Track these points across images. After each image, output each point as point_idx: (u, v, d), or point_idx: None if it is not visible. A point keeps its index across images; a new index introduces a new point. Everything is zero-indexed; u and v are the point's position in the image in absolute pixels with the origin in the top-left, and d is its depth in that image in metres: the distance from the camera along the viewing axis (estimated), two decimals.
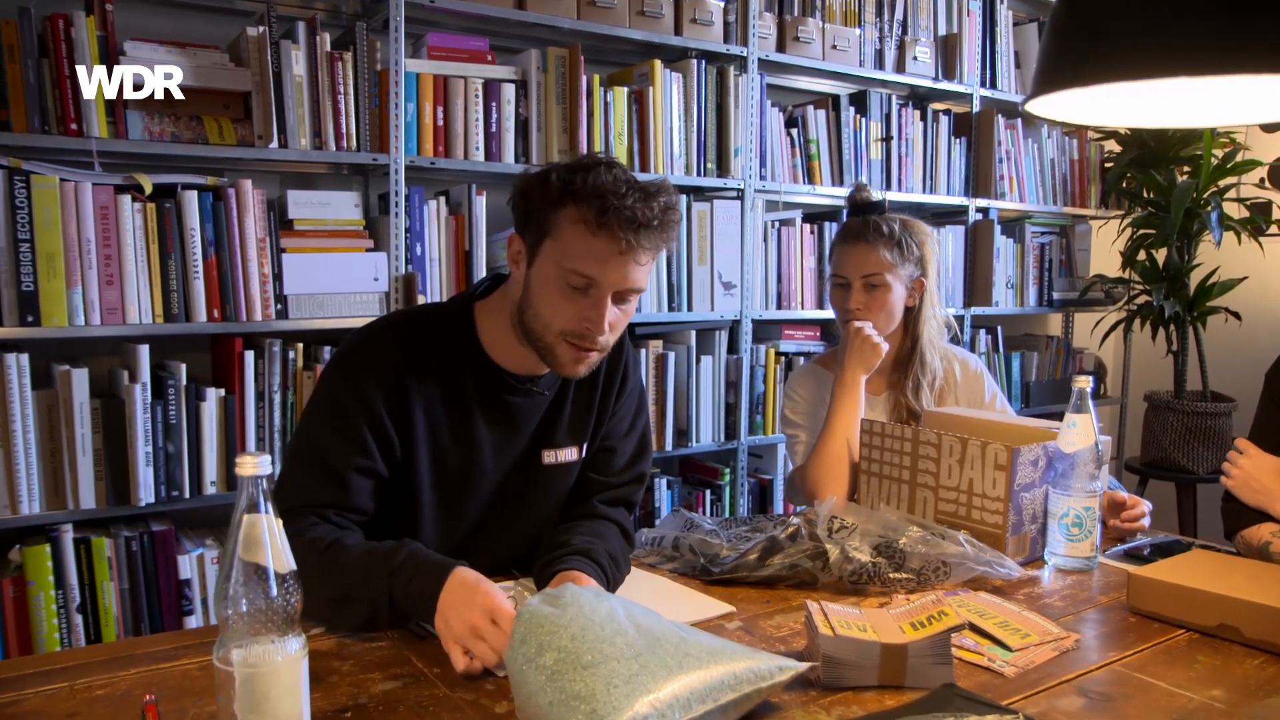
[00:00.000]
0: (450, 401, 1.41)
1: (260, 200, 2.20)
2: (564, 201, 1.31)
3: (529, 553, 1.51)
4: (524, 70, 2.52)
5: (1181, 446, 3.50)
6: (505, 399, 1.45)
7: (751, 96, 2.85)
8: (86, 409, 2.06)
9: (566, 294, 1.32)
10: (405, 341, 1.40)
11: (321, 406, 1.38)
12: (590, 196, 1.28)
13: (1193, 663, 1.21)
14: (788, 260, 3.03)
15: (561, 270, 1.31)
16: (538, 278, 1.35)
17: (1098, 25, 1.08)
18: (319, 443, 1.35)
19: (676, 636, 1.04)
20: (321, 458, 1.34)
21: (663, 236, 1.33)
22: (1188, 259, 3.53)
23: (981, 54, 3.40)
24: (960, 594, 1.40)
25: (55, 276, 2.00)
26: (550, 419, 1.50)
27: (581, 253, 1.30)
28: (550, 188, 1.32)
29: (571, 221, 1.30)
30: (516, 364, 1.44)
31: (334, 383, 1.38)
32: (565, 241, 1.31)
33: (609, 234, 1.28)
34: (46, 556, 2.04)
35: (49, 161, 2.02)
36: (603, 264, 1.30)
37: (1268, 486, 1.60)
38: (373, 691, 1.08)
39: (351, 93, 2.28)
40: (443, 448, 1.42)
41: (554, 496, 1.54)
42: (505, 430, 1.46)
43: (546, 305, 1.34)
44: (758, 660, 1.03)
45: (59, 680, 1.09)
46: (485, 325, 1.44)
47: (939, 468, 1.63)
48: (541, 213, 1.33)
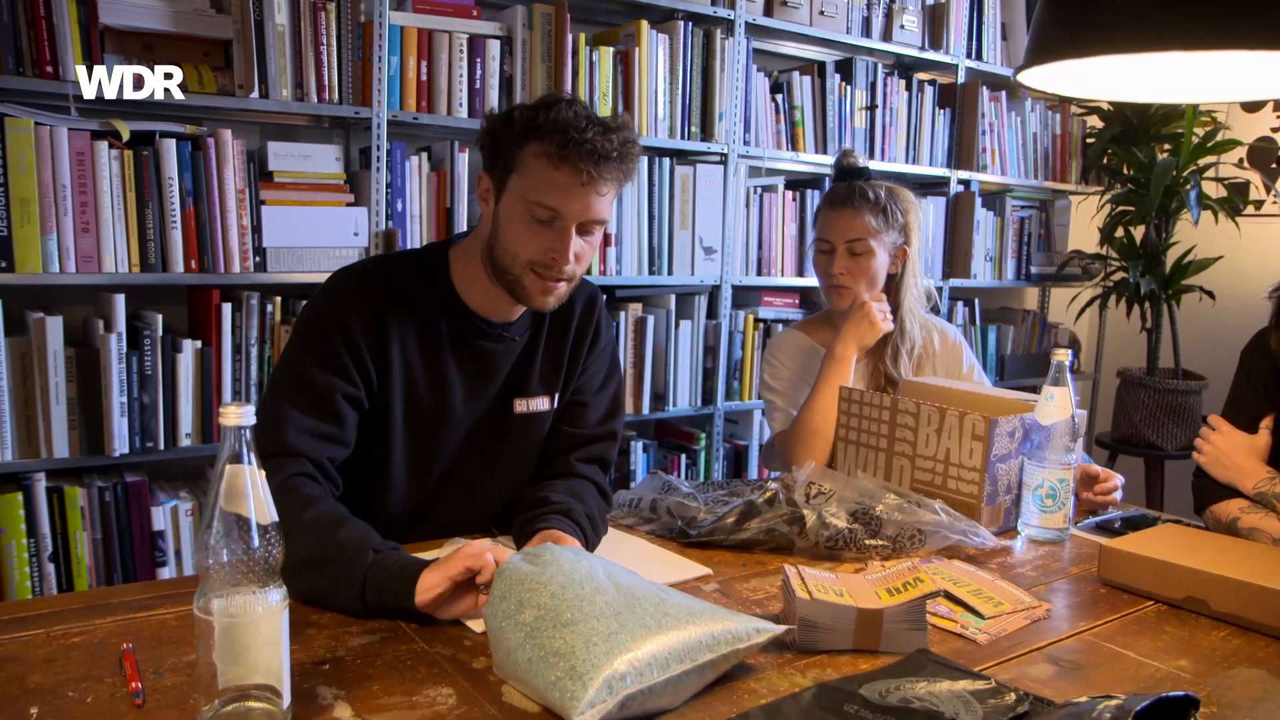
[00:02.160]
0: (424, 342, 1.44)
1: (240, 151, 2.16)
2: (527, 137, 1.35)
3: (505, 510, 1.52)
4: (509, 27, 2.49)
5: (1152, 423, 3.55)
6: (477, 343, 1.47)
7: (737, 61, 2.83)
8: (61, 358, 2.03)
9: (532, 226, 1.36)
10: (384, 280, 1.43)
11: (305, 338, 1.40)
12: (552, 131, 1.32)
13: (1161, 633, 1.23)
14: (769, 227, 3.03)
15: (527, 203, 1.35)
16: (505, 212, 1.39)
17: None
18: (305, 372, 1.36)
19: (656, 597, 1.04)
20: (309, 386, 1.35)
21: (622, 169, 1.37)
22: (1165, 237, 3.56)
23: (969, 25, 3.39)
24: (935, 562, 1.42)
25: (30, 222, 1.96)
26: (522, 367, 1.52)
27: (545, 185, 1.34)
28: (514, 124, 1.36)
29: (535, 156, 1.34)
30: (488, 308, 1.47)
31: (316, 313, 1.40)
32: (529, 175, 1.35)
33: (571, 166, 1.32)
34: (19, 505, 2.02)
35: (23, 105, 1.98)
36: (565, 196, 1.34)
37: (1238, 463, 1.63)
38: (350, 645, 1.08)
39: (334, 44, 2.25)
40: (416, 388, 1.44)
41: (526, 446, 1.55)
42: (476, 375, 1.48)
43: (514, 238, 1.37)
44: (735, 622, 1.04)
45: (34, 627, 1.08)
46: (459, 269, 1.47)
47: (916, 437, 1.64)
48: (507, 149, 1.37)
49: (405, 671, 1.02)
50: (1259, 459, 1.62)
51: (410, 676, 1.01)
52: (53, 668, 0.99)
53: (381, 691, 0.98)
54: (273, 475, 0.93)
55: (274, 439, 1.30)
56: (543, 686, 0.93)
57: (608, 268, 2.70)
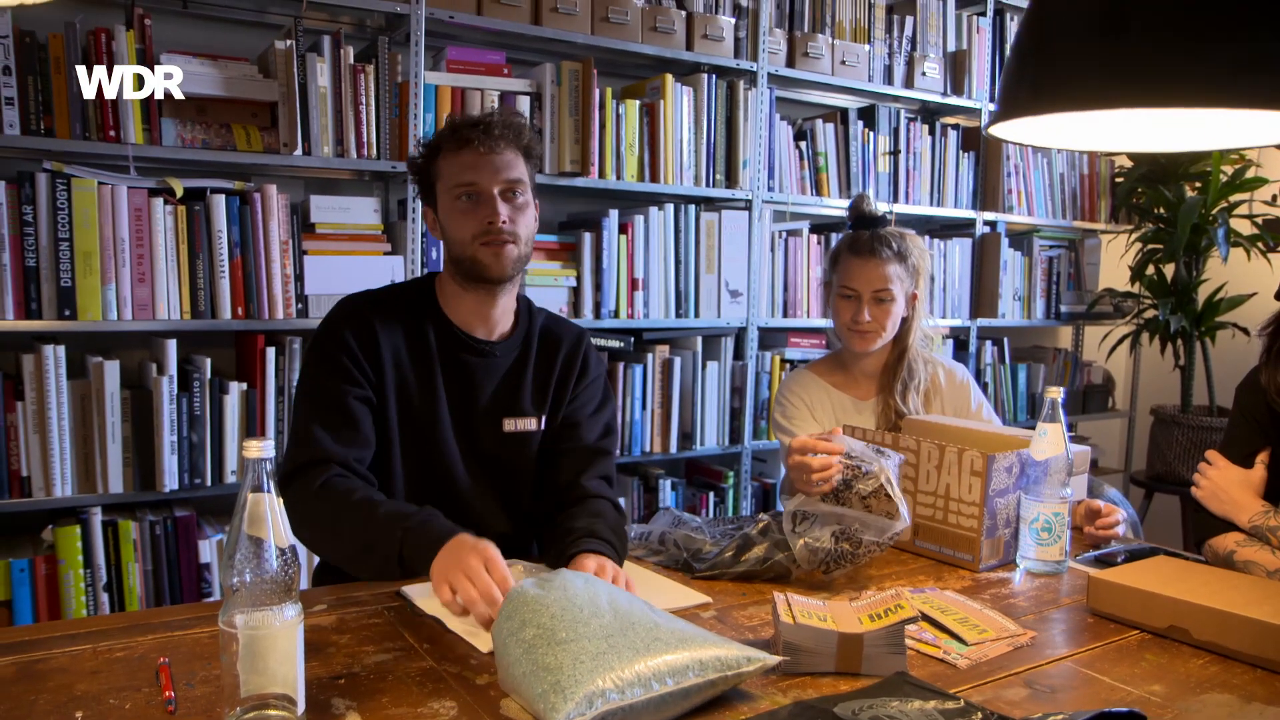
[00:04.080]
0: (414, 351, 1.62)
1: (284, 204, 2.31)
2: (435, 152, 1.63)
3: (506, 528, 1.66)
4: (539, 83, 2.62)
5: (1186, 460, 3.54)
6: (462, 357, 1.64)
7: (761, 110, 2.94)
8: (117, 399, 2.18)
9: (463, 208, 1.59)
10: (373, 300, 1.64)
11: (312, 361, 1.60)
12: (448, 133, 1.62)
13: (1140, 660, 1.27)
14: (794, 269, 3.11)
15: (450, 194, 1.60)
16: (443, 216, 1.63)
17: (1050, 53, 1.15)
18: (317, 387, 1.56)
19: (650, 621, 1.11)
20: (323, 398, 1.54)
21: (511, 132, 1.61)
22: (1196, 274, 3.58)
23: (991, 70, 3.47)
24: (926, 591, 1.48)
25: (91, 274, 2.12)
26: (510, 387, 1.68)
27: (456, 171, 1.59)
28: (426, 151, 1.65)
29: (443, 158, 1.61)
30: (470, 323, 1.65)
31: (317, 339, 1.61)
32: (445, 174, 1.61)
33: (468, 147, 1.58)
34: (77, 537, 2.16)
35: (88, 166, 2.14)
36: (473, 169, 1.58)
37: (1234, 498, 1.67)
38: (366, 662, 1.17)
39: (373, 103, 2.39)
40: (409, 393, 1.61)
41: (519, 464, 1.69)
42: (463, 388, 1.64)
43: (455, 226, 1.60)
44: (727, 649, 1.09)
45: (83, 643, 1.19)
46: (443, 291, 1.67)
47: (918, 473, 1.70)
48: (427, 173, 1.64)
49: (414, 686, 1.11)
50: (1254, 493, 1.66)
51: (418, 690, 1.10)
52: (97, 678, 1.10)
53: (390, 703, 1.07)
54: (311, 482, 1.12)
55: (305, 451, 1.50)
56: (531, 698, 1.01)
57: (635, 310, 2.79)
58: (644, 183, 2.77)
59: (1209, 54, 1.04)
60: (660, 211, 2.82)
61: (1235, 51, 1.04)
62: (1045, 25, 1.17)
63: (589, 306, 2.73)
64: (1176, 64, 1.05)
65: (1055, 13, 1.16)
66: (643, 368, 2.83)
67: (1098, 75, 1.09)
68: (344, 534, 1.45)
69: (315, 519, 1.45)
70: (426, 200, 1.67)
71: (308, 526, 1.44)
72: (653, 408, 2.86)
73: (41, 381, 2.11)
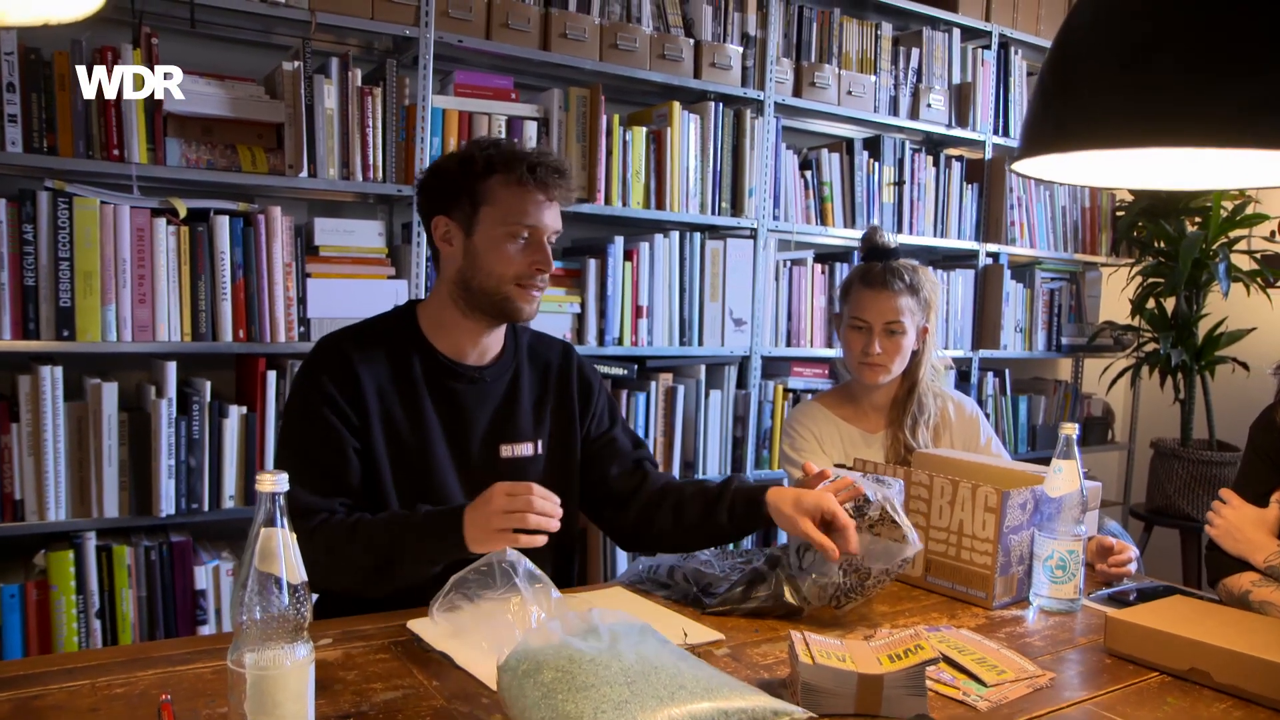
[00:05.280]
0: (400, 380, 1.58)
1: (288, 226, 2.29)
2: (488, 170, 1.55)
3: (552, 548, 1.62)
4: (546, 108, 2.61)
5: (1186, 494, 3.53)
6: (450, 384, 1.61)
7: (767, 139, 2.93)
8: (114, 421, 2.14)
9: (516, 247, 1.56)
10: (353, 335, 1.60)
11: (292, 412, 1.56)
12: (512, 161, 1.54)
13: (1162, 704, 1.25)
14: (798, 299, 3.10)
15: (506, 227, 1.55)
16: (483, 242, 1.56)
17: (1076, 91, 1.14)
18: (296, 440, 1.53)
19: (673, 667, 1.07)
20: (306, 453, 1.50)
21: (567, 184, 1.60)
22: (1196, 308, 3.58)
23: (995, 102, 3.48)
24: (942, 630, 1.45)
25: (91, 294, 2.09)
26: (505, 413, 1.65)
27: (519, 208, 1.55)
28: (475, 163, 1.56)
29: (502, 185, 1.55)
30: (457, 350, 1.62)
31: (296, 386, 1.57)
32: (502, 204, 1.55)
33: (541, 187, 1.55)
34: (70, 562, 2.12)
35: (91, 185, 2.12)
36: (542, 213, 1.56)
37: (1249, 537, 1.65)
38: (374, 700, 1.14)
39: (380, 126, 2.38)
40: (396, 426, 1.56)
41: None
42: (454, 416, 1.61)
43: (499, 261, 1.55)
44: (754, 700, 1.05)
45: (81, 678, 1.16)
46: (426, 319, 1.64)
47: (930, 508, 1.68)
48: (470, 187, 1.56)
49: None
50: (1269, 532, 1.64)
51: None
52: (96, 716, 1.06)
53: None
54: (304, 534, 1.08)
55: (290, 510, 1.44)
56: None
57: (639, 338, 2.78)
58: (649, 210, 2.76)
59: (1235, 92, 1.03)
60: (665, 239, 2.81)
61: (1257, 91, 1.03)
62: (1070, 63, 1.16)
63: (593, 334, 2.71)
64: (1203, 103, 1.04)
65: (1080, 51, 1.15)
66: (646, 395, 2.81)
67: (1123, 113, 1.08)
68: (356, 557, 1.42)
69: (319, 557, 1.40)
70: (445, 210, 1.59)
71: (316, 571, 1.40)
72: (655, 436, 2.84)
73: (38, 403, 2.07)
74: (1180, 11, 1.03)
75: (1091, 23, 1.12)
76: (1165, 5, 1.04)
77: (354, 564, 1.42)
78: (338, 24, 2.31)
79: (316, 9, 2.26)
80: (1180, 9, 1.03)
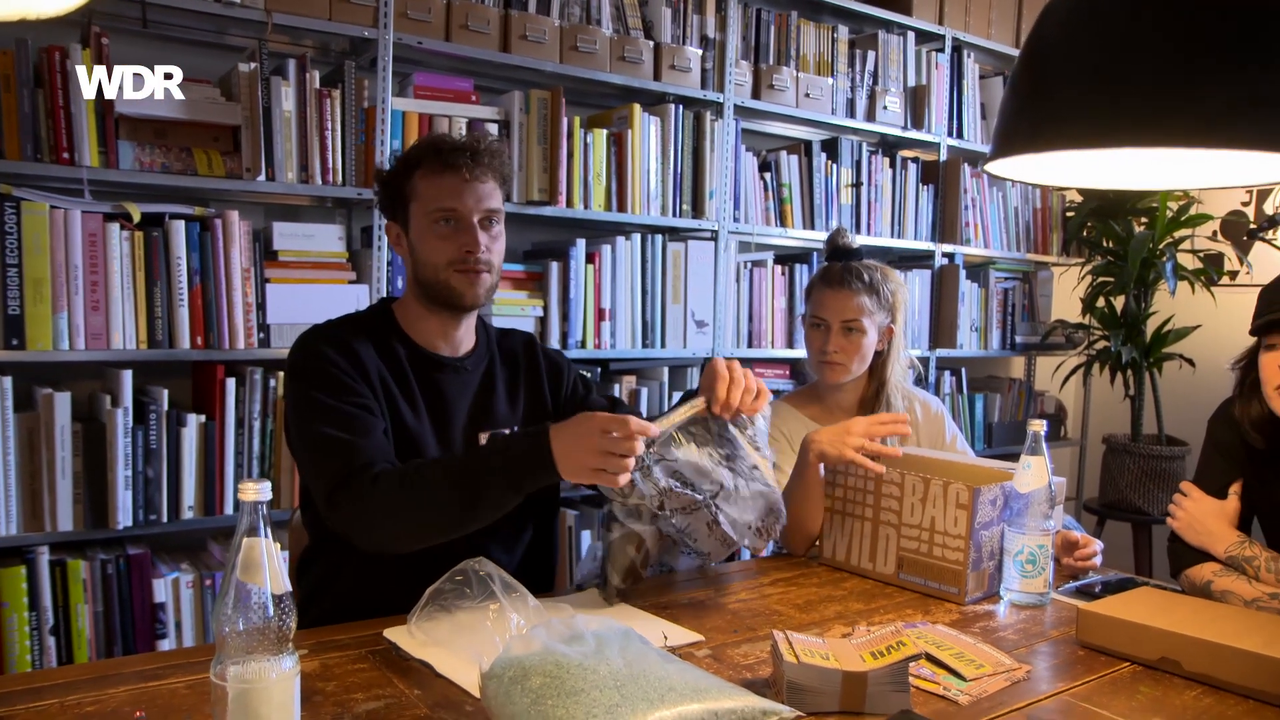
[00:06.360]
0: (391, 369, 1.59)
1: (246, 231, 2.25)
2: (411, 168, 1.59)
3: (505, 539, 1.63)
4: (507, 111, 2.59)
5: (1137, 488, 3.60)
6: (433, 375, 1.63)
7: (726, 141, 2.94)
8: (68, 432, 2.08)
9: (441, 233, 1.57)
10: (337, 324, 1.63)
11: (301, 390, 1.52)
12: (428, 151, 1.58)
13: (1135, 693, 1.27)
14: (759, 300, 3.12)
15: (428, 216, 1.57)
16: (415, 236, 1.60)
17: (1050, 92, 1.16)
18: (325, 405, 1.49)
19: (661, 669, 1.06)
20: (338, 410, 1.48)
21: (495, 161, 1.60)
22: (1144, 307, 3.66)
23: (949, 105, 3.52)
24: (919, 626, 1.46)
25: (41, 301, 2.03)
26: (481, 402, 1.67)
27: (437, 194, 1.57)
28: (397, 165, 1.62)
29: (422, 178, 1.58)
30: (435, 343, 1.65)
31: (299, 369, 1.54)
32: (423, 195, 1.58)
33: (452, 170, 1.56)
34: (22, 578, 2.06)
35: (40, 189, 2.06)
36: (456, 195, 1.57)
37: (1210, 528, 1.69)
38: (356, 711, 1.12)
39: (339, 129, 2.35)
40: (399, 410, 1.57)
41: None
42: (438, 406, 1.62)
43: (429, 250, 1.58)
44: (742, 700, 1.06)
45: (48, 697, 1.12)
46: (402, 315, 1.66)
47: (901, 506, 1.70)
48: (398, 188, 1.61)
49: None
50: (1229, 524, 1.68)
51: None
52: None
53: None
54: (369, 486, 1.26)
55: (343, 461, 1.43)
56: None
57: (602, 341, 2.77)
58: (611, 212, 2.76)
59: (1207, 94, 1.05)
60: (627, 241, 2.81)
61: (1233, 91, 1.05)
62: (1043, 63, 1.18)
63: (556, 337, 2.69)
64: (1175, 104, 1.06)
65: (1053, 52, 1.17)
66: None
67: (1096, 114, 1.10)
68: (439, 493, 1.39)
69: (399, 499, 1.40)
70: (392, 215, 1.65)
71: (392, 517, 1.40)
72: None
73: None
74: (1155, 12, 1.05)
75: (1066, 22, 1.13)
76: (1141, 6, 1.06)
77: (436, 502, 1.39)
78: (294, 25, 2.27)
79: (272, 9, 2.22)
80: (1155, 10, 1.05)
